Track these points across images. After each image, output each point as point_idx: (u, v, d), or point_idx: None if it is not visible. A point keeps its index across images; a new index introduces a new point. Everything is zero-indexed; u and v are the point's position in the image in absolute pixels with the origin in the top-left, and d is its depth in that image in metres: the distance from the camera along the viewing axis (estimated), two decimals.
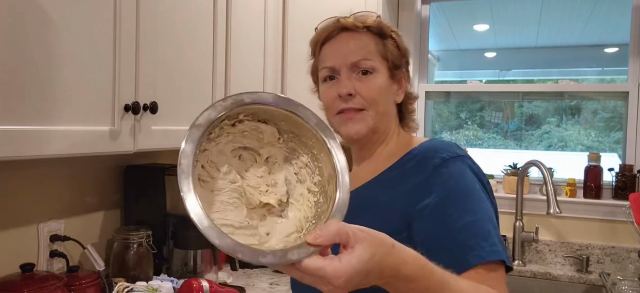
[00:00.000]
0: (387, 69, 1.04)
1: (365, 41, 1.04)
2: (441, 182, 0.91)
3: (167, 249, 1.74)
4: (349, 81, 1.01)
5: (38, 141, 1.04)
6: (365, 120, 1.02)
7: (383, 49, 1.04)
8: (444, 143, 0.99)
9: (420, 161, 0.96)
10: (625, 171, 2.38)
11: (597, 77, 4.01)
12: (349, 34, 1.05)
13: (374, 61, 1.03)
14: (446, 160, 0.93)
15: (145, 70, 1.33)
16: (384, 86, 1.03)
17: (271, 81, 2.01)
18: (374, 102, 1.01)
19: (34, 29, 1.03)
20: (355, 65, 1.02)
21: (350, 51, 1.03)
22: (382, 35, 1.05)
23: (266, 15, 1.95)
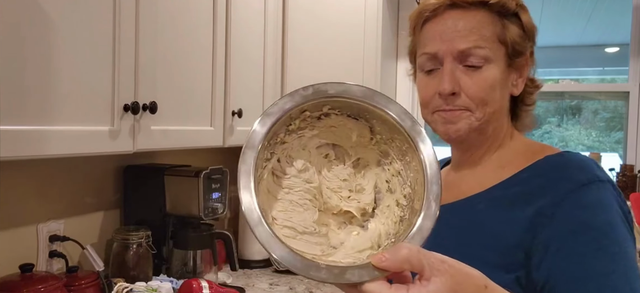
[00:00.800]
0: (504, 57, 0.84)
1: (479, 21, 0.82)
2: (574, 212, 0.73)
3: (166, 249, 1.73)
4: (453, 75, 0.82)
5: (38, 141, 1.04)
6: (469, 121, 0.83)
7: (502, 32, 0.83)
8: (580, 160, 0.79)
9: (549, 181, 0.77)
10: (626, 171, 2.38)
11: (597, 77, 4.01)
12: (459, 12, 0.83)
13: (489, 48, 0.82)
14: (585, 186, 0.75)
15: (145, 70, 1.33)
16: (498, 81, 0.83)
17: (271, 81, 2.01)
18: (483, 103, 0.82)
19: (34, 29, 1.03)
20: (464, 54, 0.82)
21: (459, 35, 0.82)
22: (504, 12, 0.84)
23: (266, 15, 1.95)
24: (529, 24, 0.86)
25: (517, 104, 0.89)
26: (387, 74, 2.33)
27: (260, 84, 1.94)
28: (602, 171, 0.78)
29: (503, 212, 0.78)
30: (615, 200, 0.76)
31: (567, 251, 0.71)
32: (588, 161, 0.79)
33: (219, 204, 1.73)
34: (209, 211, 1.68)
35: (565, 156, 0.81)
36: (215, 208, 1.71)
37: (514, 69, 0.85)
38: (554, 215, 0.73)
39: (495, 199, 0.81)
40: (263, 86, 1.95)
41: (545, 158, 0.81)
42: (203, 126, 1.60)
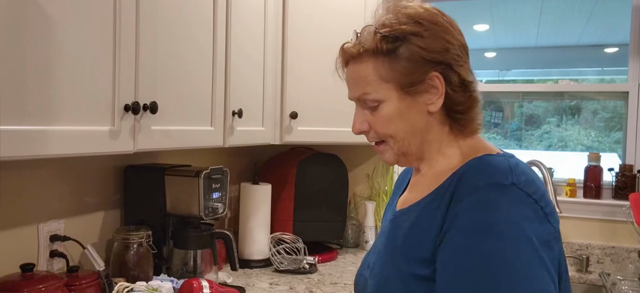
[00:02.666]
0: (396, 91, 0.90)
1: (364, 70, 0.92)
2: (463, 214, 0.79)
3: (167, 249, 1.74)
4: (360, 117, 0.95)
5: (38, 141, 1.04)
6: (390, 150, 0.95)
7: (387, 70, 0.90)
8: (491, 163, 0.84)
9: (457, 186, 0.83)
10: (625, 171, 2.38)
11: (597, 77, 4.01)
12: (353, 63, 0.95)
13: (376, 91, 0.91)
14: (479, 189, 0.80)
15: (145, 70, 1.33)
16: (395, 114, 0.91)
17: (271, 81, 2.01)
18: (389, 136, 0.93)
19: (34, 29, 1.03)
20: (359, 101, 0.95)
21: (352, 85, 0.96)
22: (386, 51, 0.90)
23: (266, 15, 1.95)
24: (429, 45, 0.89)
25: (452, 115, 0.93)
26: None
27: (260, 84, 1.95)
28: (515, 176, 0.80)
29: (430, 215, 0.86)
30: (520, 205, 0.77)
31: (447, 250, 0.80)
32: (499, 165, 0.82)
33: (219, 204, 1.73)
34: (209, 211, 1.69)
35: (482, 159, 0.86)
36: (216, 207, 1.71)
37: (419, 93, 0.90)
38: (448, 219, 0.81)
39: (428, 204, 0.88)
40: (263, 86, 1.96)
41: (466, 163, 0.87)
42: (203, 126, 1.61)
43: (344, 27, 2.12)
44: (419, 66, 0.89)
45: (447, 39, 0.90)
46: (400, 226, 0.93)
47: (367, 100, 0.93)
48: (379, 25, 0.92)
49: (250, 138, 1.89)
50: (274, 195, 2.22)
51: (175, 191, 1.69)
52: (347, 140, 2.19)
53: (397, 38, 0.89)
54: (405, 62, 0.89)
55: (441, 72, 0.89)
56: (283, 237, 2.14)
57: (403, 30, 0.89)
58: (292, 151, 2.40)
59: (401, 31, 0.89)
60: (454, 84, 0.90)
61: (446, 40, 0.90)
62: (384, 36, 0.89)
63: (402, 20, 0.91)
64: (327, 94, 2.11)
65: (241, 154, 2.40)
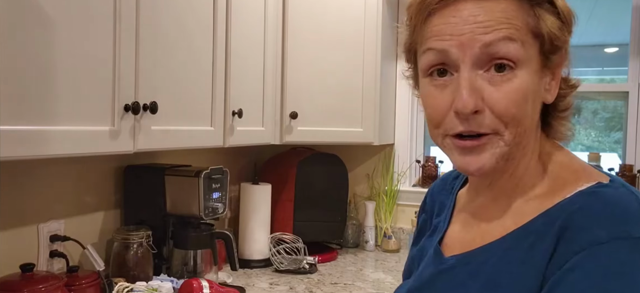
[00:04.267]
0: (539, 55, 0.64)
1: (504, 7, 0.62)
2: (577, 279, 0.56)
3: (167, 249, 1.74)
4: (474, 86, 0.62)
5: (38, 141, 1.04)
6: (495, 149, 0.64)
7: (535, 22, 0.63)
8: (621, 202, 0.59)
9: (564, 231, 0.59)
10: (626, 171, 2.38)
11: (597, 77, 4.01)
12: (477, 1, 0.62)
13: (522, 42, 0.62)
14: (603, 245, 0.56)
15: (145, 70, 1.33)
16: (531, 89, 0.63)
17: (271, 81, 2.01)
18: (515, 121, 0.63)
19: (34, 29, 1.03)
20: (489, 53, 0.61)
21: (481, 27, 0.61)
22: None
23: (266, 15, 1.95)
24: (566, 10, 0.65)
25: (548, 111, 0.68)
26: (387, 75, 2.33)
27: (261, 84, 1.94)
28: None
29: (513, 270, 0.62)
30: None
31: None
32: (627, 205, 0.58)
33: (219, 204, 1.73)
34: (209, 211, 1.69)
35: (597, 196, 0.60)
36: (216, 207, 1.71)
37: (548, 69, 0.65)
38: (556, 284, 0.57)
39: (509, 250, 0.64)
40: (263, 85, 1.96)
41: (573, 196, 0.62)
42: (203, 126, 1.61)
43: (344, 27, 2.13)
44: (567, 30, 0.65)
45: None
46: (463, 283, 0.67)
47: (506, 54, 0.61)
48: None
49: (250, 138, 1.89)
50: (274, 195, 2.22)
51: (175, 191, 1.69)
52: (347, 140, 2.19)
53: None
54: (556, 19, 0.64)
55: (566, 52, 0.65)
56: (283, 237, 2.14)
57: None
58: (292, 151, 2.40)
59: None
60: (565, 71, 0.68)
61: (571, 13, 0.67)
62: None
63: None
64: (327, 94, 2.11)
65: (241, 154, 2.40)
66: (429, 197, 0.88)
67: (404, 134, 2.54)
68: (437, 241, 0.75)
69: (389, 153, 2.55)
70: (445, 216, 0.78)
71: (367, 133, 2.18)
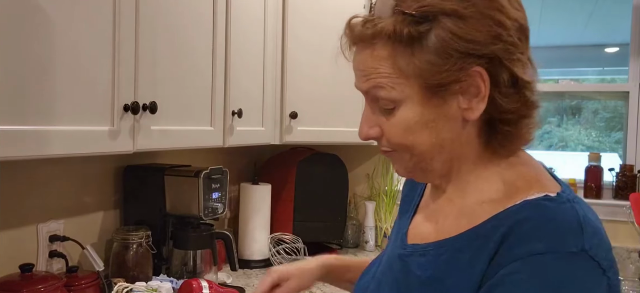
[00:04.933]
0: (421, 91, 0.67)
1: (377, 57, 0.68)
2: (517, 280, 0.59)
3: (166, 249, 1.73)
4: (370, 118, 0.72)
5: (38, 141, 1.04)
6: (404, 163, 0.73)
7: (408, 62, 0.66)
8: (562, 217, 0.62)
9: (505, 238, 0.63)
10: (626, 171, 2.38)
11: (597, 77, 4.01)
12: (361, 47, 0.71)
13: (392, 89, 0.67)
14: (538, 255, 0.59)
15: (145, 70, 1.33)
16: (417, 121, 0.68)
17: (271, 81, 2.01)
18: (405, 148, 0.70)
19: (34, 29, 1.03)
20: (369, 96, 0.71)
21: (360, 75, 0.71)
22: (409, 37, 0.65)
23: (266, 15, 1.95)
24: (454, 41, 0.64)
25: (495, 126, 0.69)
26: None
27: (260, 84, 1.94)
28: (587, 238, 0.60)
29: (461, 269, 0.66)
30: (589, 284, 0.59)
31: None
32: (567, 220, 0.61)
33: (219, 204, 1.73)
34: (209, 211, 1.68)
35: (540, 207, 0.63)
36: (215, 208, 1.71)
37: (453, 94, 0.66)
38: (493, 288, 0.61)
39: (458, 251, 0.68)
40: (263, 85, 1.95)
41: (521, 203, 0.65)
42: (203, 126, 1.60)
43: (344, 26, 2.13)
44: (453, 61, 0.64)
45: (499, 19, 0.64)
46: (413, 272, 0.72)
47: (379, 98, 0.69)
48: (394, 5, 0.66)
49: (250, 138, 1.89)
50: (274, 195, 2.22)
51: (175, 191, 1.69)
52: (347, 140, 2.19)
53: (425, 18, 0.64)
54: (434, 55, 0.64)
55: (486, 67, 0.64)
56: (283, 237, 2.14)
57: (434, 6, 0.64)
58: (292, 151, 2.40)
59: (431, 9, 0.64)
60: (503, 85, 0.66)
61: (497, 22, 0.64)
62: (407, 16, 0.65)
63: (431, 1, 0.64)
64: (327, 94, 2.11)
65: (241, 154, 2.40)
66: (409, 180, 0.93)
67: None
68: (406, 226, 0.81)
69: None
70: (413, 205, 0.84)
71: None
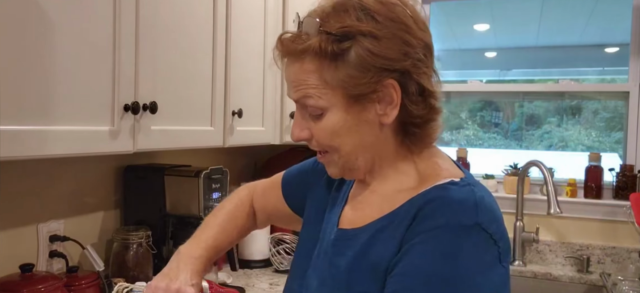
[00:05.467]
0: (344, 99, 0.77)
1: (305, 70, 0.78)
2: (417, 256, 0.72)
3: (166, 249, 1.73)
4: (301, 123, 0.83)
5: (38, 141, 1.04)
6: (333, 162, 0.84)
7: (332, 75, 0.76)
8: (461, 198, 0.75)
9: (416, 217, 0.75)
10: (626, 171, 2.38)
11: (597, 77, 4.01)
12: (291, 60, 0.80)
13: (318, 98, 0.78)
14: (440, 227, 0.72)
15: (145, 70, 1.33)
16: (341, 125, 0.78)
17: (271, 81, 2.01)
18: (333, 148, 0.82)
19: (34, 29, 1.03)
20: (300, 104, 0.81)
21: (292, 86, 0.81)
22: (332, 53, 0.75)
23: (266, 15, 1.95)
24: (370, 57, 0.75)
25: (410, 124, 0.81)
26: None
27: (260, 84, 1.94)
28: (481, 214, 0.72)
29: (381, 245, 0.77)
30: (480, 251, 0.71)
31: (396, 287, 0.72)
32: (464, 201, 0.73)
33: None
34: (209, 211, 1.68)
35: (445, 190, 0.76)
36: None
37: (371, 102, 0.77)
38: (404, 254, 0.73)
39: (379, 231, 0.79)
40: (263, 86, 1.96)
41: (431, 188, 0.77)
42: (203, 126, 1.61)
43: None
44: (370, 74, 0.75)
45: (407, 39, 0.76)
46: (343, 253, 0.82)
47: (308, 106, 0.79)
48: (324, 17, 0.77)
49: (250, 138, 1.89)
50: None
51: (175, 191, 1.69)
52: None
53: (346, 37, 0.75)
54: (354, 69, 0.75)
55: (397, 79, 0.76)
56: (283, 237, 2.13)
57: (353, 28, 0.75)
58: (292, 151, 2.40)
59: (350, 29, 0.75)
60: (412, 94, 0.78)
61: (405, 42, 0.76)
62: (330, 36, 0.75)
63: (352, 12, 0.76)
64: None
65: (241, 154, 2.40)
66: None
67: None
68: (338, 215, 0.90)
69: None
70: (343, 196, 0.93)
71: None
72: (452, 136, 3.03)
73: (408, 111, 0.79)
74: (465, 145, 2.96)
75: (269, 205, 1.11)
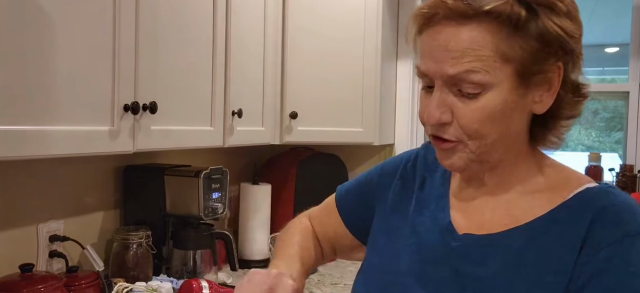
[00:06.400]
0: (513, 76, 0.68)
1: (475, 38, 0.67)
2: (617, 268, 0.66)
3: (166, 249, 1.73)
4: (443, 103, 0.70)
5: (38, 141, 1.04)
6: (463, 155, 0.73)
7: (509, 47, 0.67)
8: (630, 203, 0.70)
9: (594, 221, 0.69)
10: (626, 171, 2.38)
11: (597, 77, 4.01)
12: (454, 26, 0.68)
13: (486, 71, 0.67)
14: (630, 236, 0.67)
15: (145, 70, 1.33)
16: (500, 109, 0.69)
17: (271, 81, 2.01)
18: (478, 135, 0.70)
19: (34, 29, 1.03)
20: (455, 80, 0.69)
21: (449, 57, 0.68)
22: (517, 21, 0.66)
23: (266, 15, 1.95)
24: (555, 30, 0.67)
25: (547, 118, 0.73)
26: (387, 75, 2.33)
27: (260, 84, 1.94)
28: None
29: (541, 255, 0.70)
30: None
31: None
32: (636, 205, 0.70)
33: (219, 204, 1.73)
34: (209, 211, 1.68)
35: (613, 194, 0.71)
36: (215, 208, 1.71)
37: (535, 85, 0.70)
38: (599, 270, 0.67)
39: (535, 237, 0.71)
40: (263, 86, 1.95)
41: (584, 191, 0.72)
42: (203, 126, 1.60)
43: (344, 27, 2.13)
44: (547, 50, 0.68)
45: (580, 21, 0.71)
46: (484, 262, 0.73)
47: (469, 82, 0.67)
48: None
49: (250, 138, 1.89)
50: (274, 195, 2.22)
51: (175, 191, 1.69)
52: (347, 140, 2.19)
53: (539, 4, 0.67)
54: (536, 41, 0.67)
55: (564, 64, 0.70)
56: None
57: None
58: (292, 151, 2.40)
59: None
60: (569, 84, 0.72)
61: (580, 25, 0.71)
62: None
63: None
64: (327, 94, 2.11)
65: (241, 154, 2.40)
66: (409, 166, 0.91)
67: (404, 134, 2.54)
68: (447, 218, 0.79)
69: (388, 153, 2.55)
70: (438, 197, 0.83)
71: (367, 133, 2.18)
72: None
73: (558, 102, 0.72)
74: None
75: (330, 231, 1.01)
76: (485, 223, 0.76)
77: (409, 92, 2.53)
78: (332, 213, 1.00)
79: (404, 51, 2.49)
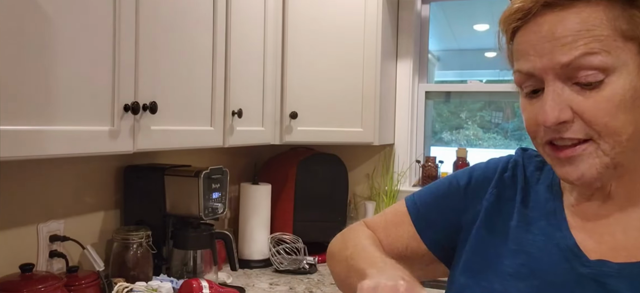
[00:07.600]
0: (637, 56, 0.59)
1: (588, 18, 0.58)
2: None
3: (166, 249, 1.73)
4: (559, 100, 0.60)
5: (38, 141, 1.04)
6: (594, 159, 0.60)
7: (627, 25, 0.58)
8: None
9: None
10: None
11: None
12: (555, 12, 0.60)
13: (607, 52, 0.57)
14: None
15: (145, 70, 1.33)
16: (630, 95, 0.58)
17: (271, 81, 2.01)
18: (610, 130, 0.59)
19: (34, 29, 1.03)
20: (570, 69, 0.59)
21: (559, 44, 0.59)
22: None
23: (266, 15, 1.95)
24: None
25: None
26: (387, 75, 2.33)
27: (260, 84, 1.94)
28: None
29: None
30: None
31: None
32: None
33: (219, 204, 1.73)
34: (209, 211, 1.69)
35: None
36: (215, 208, 1.71)
37: None
38: None
39: None
40: (263, 86, 1.96)
41: None
42: (203, 126, 1.61)
43: (344, 27, 2.13)
44: None
45: None
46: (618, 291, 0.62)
47: (588, 67, 0.58)
48: None
49: (250, 138, 1.89)
50: (274, 195, 2.22)
51: (175, 191, 1.69)
52: (347, 140, 2.19)
53: None
54: None
55: None
56: (283, 237, 2.14)
57: None
58: (292, 151, 2.40)
59: None
60: None
61: None
62: None
63: None
64: (327, 94, 2.11)
65: (241, 154, 2.40)
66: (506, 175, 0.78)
67: (404, 134, 2.54)
68: (570, 239, 0.67)
69: (389, 153, 2.55)
70: (551, 213, 0.71)
71: (367, 133, 2.18)
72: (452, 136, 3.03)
73: None
74: (465, 145, 2.96)
75: (399, 245, 0.87)
76: (619, 247, 0.64)
77: (408, 92, 2.53)
78: (403, 224, 0.87)
79: (404, 51, 2.49)
